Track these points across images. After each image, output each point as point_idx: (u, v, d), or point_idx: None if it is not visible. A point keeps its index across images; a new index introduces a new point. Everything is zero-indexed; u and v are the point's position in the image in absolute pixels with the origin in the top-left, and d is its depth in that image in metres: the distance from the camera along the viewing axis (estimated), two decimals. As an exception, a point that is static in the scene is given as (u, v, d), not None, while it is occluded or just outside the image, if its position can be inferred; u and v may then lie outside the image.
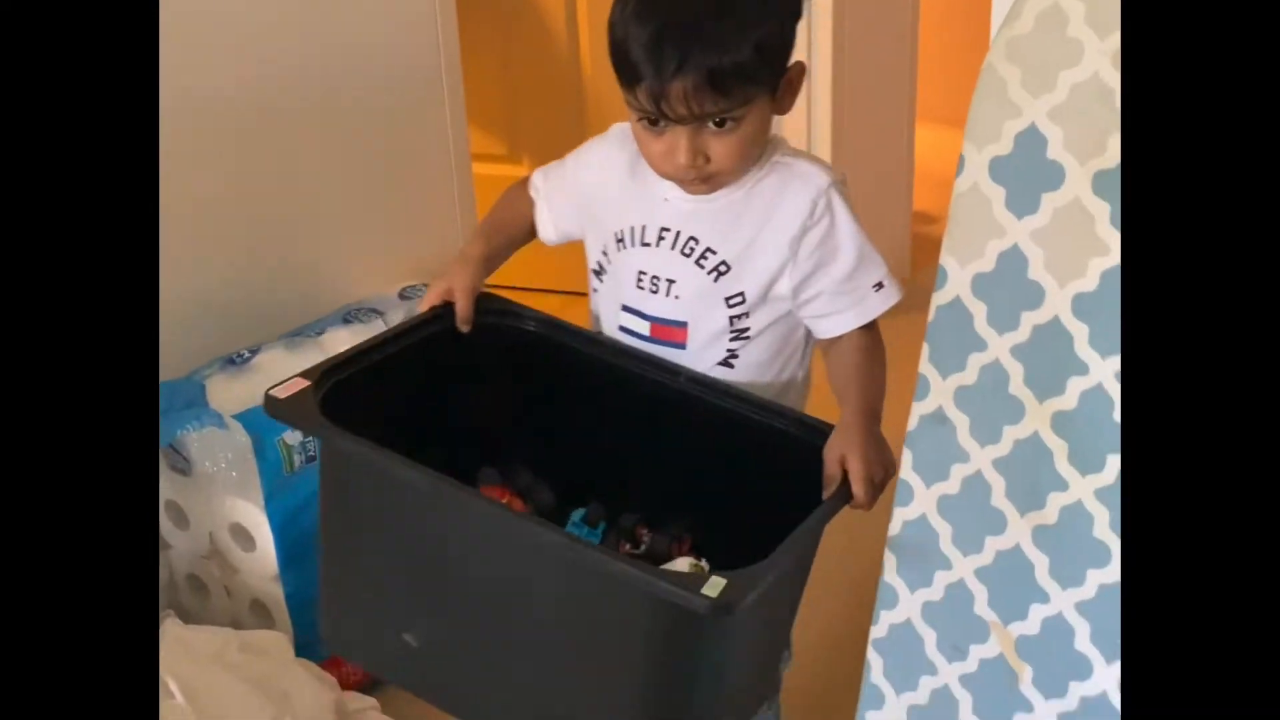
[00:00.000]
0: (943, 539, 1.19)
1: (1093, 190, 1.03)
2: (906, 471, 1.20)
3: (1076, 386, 1.08)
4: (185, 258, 1.80)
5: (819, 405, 1.37)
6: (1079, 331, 1.07)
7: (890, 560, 1.23)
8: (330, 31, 1.91)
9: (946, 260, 1.14)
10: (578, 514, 1.38)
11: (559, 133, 2.63)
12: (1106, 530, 1.08)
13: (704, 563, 1.27)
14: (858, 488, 1.19)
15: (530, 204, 1.44)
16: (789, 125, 2.71)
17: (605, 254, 1.36)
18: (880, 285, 1.30)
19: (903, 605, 1.22)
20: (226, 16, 1.77)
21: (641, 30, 1.17)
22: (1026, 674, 1.16)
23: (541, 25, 2.82)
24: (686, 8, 1.18)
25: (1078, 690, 1.13)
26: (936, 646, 1.21)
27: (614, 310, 1.37)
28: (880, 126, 2.84)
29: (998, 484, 1.14)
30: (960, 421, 1.16)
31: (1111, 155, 1.02)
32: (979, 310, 1.12)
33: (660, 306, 1.33)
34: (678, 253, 1.30)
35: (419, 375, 1.34)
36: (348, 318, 1.97)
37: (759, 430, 1.28)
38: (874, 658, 1.26)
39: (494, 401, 1.41)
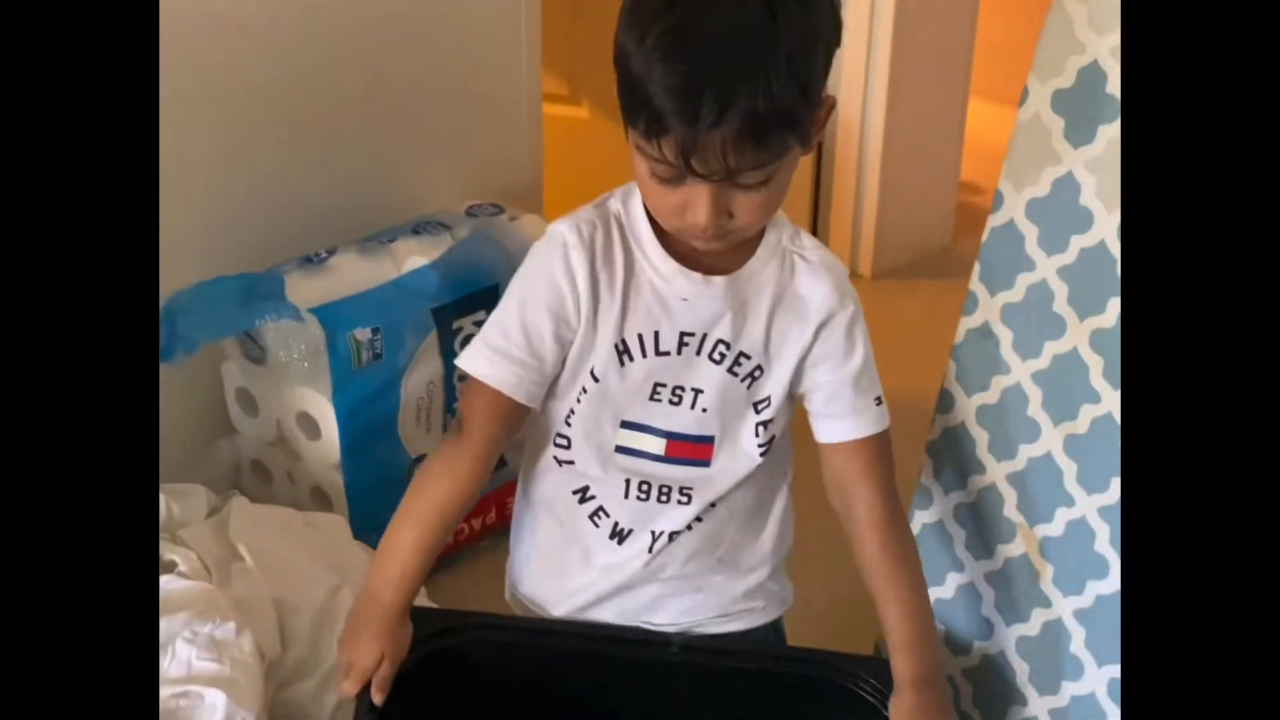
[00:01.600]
0: (979, 446, 1.28)
1: (1146, 123, 1.12)
2: (950, 382, 1.30)
3: (1115, 307, 1.17)
4: (271, 163, 1.91)
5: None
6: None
7: (928, 464, 1.32)
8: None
9: (1004, 185, 1.23)
10: None
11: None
12: (1133, 440, 1.17)
13: None
14: None
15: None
16: (846, 86, 2.79)
17: (594, 374, 1.14)
18: (880, 400, 1.17)
19: (936, 505, 1.32)
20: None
21: (670, 70, 0.95)
22: (1048, 572, 1.25)
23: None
24: (726, 42, 0.95)
25: (1094, 589, 1.22)
26: (965, 545, 1.31)
27: (607, 428, 1.17)
28: (935, 97, 2.91)
29: (1035, 395, 1.24)
30: (1004, 336, 1.25)
31: (1166, 92, 1.11)
32: (1031, 232, 1.22)
33: (682, 420, 1.15)
34: (705, 358, 1.13)
35: None
36: (417, 229, 2.06)
37: (771, 680, 1.19)
38: (905, 555, 1.36)
39: None
